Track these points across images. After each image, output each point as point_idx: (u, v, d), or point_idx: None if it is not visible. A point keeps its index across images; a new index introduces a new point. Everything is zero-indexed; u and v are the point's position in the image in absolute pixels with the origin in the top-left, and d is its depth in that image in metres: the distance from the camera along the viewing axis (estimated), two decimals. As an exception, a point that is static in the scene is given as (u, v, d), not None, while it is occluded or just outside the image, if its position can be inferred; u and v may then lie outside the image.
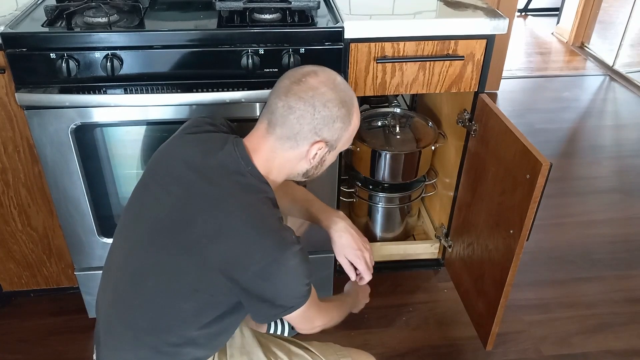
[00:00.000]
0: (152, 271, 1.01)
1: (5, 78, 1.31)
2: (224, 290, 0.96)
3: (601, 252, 2.11)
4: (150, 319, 1.02)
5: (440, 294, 1.89)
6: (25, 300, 1.80)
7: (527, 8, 4.67)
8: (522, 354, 1.69)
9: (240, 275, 0.94)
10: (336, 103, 0.98)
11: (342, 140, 1.03)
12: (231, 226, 0.94)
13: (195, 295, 0.98)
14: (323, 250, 1.68)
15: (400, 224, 1.95)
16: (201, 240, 0.95)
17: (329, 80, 0.99)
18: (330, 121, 0.98)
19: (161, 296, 1.00)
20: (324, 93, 0.97)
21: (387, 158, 1.75)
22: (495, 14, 1.43)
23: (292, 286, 0.99)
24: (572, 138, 2.94)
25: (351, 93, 1.03)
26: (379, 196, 1.86)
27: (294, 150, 1.00)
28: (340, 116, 0.99)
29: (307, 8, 1.39)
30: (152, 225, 1.02)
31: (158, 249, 1.00)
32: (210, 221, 0.95)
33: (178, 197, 0.99)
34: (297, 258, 0.96)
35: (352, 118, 1.02)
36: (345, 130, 1.02)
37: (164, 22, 1.41)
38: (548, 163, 1.21)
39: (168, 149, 1.08)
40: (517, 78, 3.56)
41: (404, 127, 1.83)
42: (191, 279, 0.97)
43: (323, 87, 0.98)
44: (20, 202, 1.53)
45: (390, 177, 1.80)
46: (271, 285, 0.96)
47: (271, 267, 0.94)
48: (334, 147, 1.03)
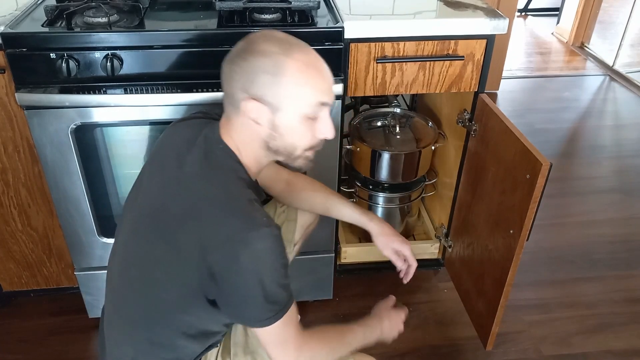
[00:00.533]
0: (135, 261, 1.01)
1: (5, 78, 1.31)
2: (199, 279, 0.92)
3: (601, 252, 2.11)
4: (139, 310, 1.01)
5: (440, 294, 1.89)
6: (25, 300, 1.80)
7: (527, 8, 4.67)
8: (522, 354, 1.69)
9: (209, 258, 0.89)
10: (259, 55, 0.90)
11: (285, 98, 0.92)
12: (197, 207, 0.91)
13: (174, 285, 0.95)
14: (323, 250, 1.69)
15: (400, 224, 1.95)
16: (172, 224, 0.94)
17: (263, 36, 0.94)
18: (252, 74, 0.90)
19: (145, 286, 0.99)
20: (250, 49, 0.92)
21: (387, 158, 1.75)
22: (495, 14, 1.43)
23: (261, 277, 0.89)
24: (572, 138, 2.94)
25: (290, 45, 0.92)
26: (379, 196, 1.86)
27: (237, 114, 0.95)
28: (263, 67, 0.90)
29: (307, 8, 1.39)
30: (137, 214, 1.02)
31: (140, 238, 1.00)
32: (180, 204, 0.94)
33: (158, 185, 1.00)
34: (266, 242, 0.89)
35: (283, 68, 0.90)
36: (276, 83, 0.90)
37: (164, 22, 1.41)
38: (548, 163, 1.21)
39: (160, 139, 1.10)
40: (517, 78, 3.56)
41: (404, 127, 1.83)
42: (167, 267, 0.95)
43: (251, 44, 0.93)
44: (20, 202, 1.53)
45: (390, 177, 1.80)
46: (237, 272, 0.88)
47: (237, 248, 0.87)
48: (276, 108, 0.92)
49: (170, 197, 0.96)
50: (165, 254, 0.95)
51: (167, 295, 0.97)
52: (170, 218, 0.94)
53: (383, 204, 1.89)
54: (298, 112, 0.94)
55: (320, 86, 0.94)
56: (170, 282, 0.96)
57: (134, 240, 1.02)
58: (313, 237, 1.47)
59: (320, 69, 0.95)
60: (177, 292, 0.96)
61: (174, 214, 0.94)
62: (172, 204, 0.95)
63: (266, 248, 0.89)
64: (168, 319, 1.00)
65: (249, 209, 0.91)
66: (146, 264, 0.99)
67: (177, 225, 0.93)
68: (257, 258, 0.89)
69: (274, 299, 0.92)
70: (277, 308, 0.93)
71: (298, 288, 1.74)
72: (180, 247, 0.92)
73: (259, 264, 0.89)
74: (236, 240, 0.87)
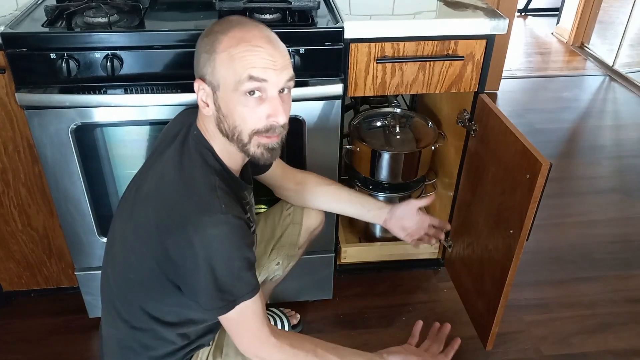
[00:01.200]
0: (114, 239, 1.03)
1: (5, 78, 1.31)
2: (158, 260, 0.92)
3: (601, 252, 2.11)
4: (117, 292, 1.03)
5: (440, 294, 1.89)
6: (26, 300, 1.80)
7: (527, 8, 4.67)
8: (522, 353, 1.69)
9: (165, 240, 0.89)
10: (202, 37, 0.94)
11: (217, 75, 0.91)
12: (159, 189, 0.93)
13: (138, 266, 0.96)
14: (323, 250, 1.69)
15: None
16: (137, 204, 0.95)
17: (221, 20, 0.95)
18: (197, 55, 0.94)
19: (117, 265, 1.01)
20: (204, 32, 0.95)
21: (387, 158, 1.75)
22: (495, 14, 1.43)
23: (212, 264, 0.88)
24: (572, 138, 2.94)
25: (231, 24, 0.92)
26: (379, 196, 1.86)
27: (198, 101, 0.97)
28: (203, 47, 0.92)
29: (307, 8, 1.39)
30: (123, 198, 1.06)
31: (118, 218, 1.04)
32: (146, 186, 0.96)
33: (141, 170, 1.04)
34: (220, 229, 0.87)
35: (216, 45, 0.90)
36: (211, 60, 0.91)
37: (164, 22, 1.41)
38: (548, 163, 1.21)
39: (164, 127, 1.14)
40: (517, 78, 3.56)
41: (404, 127, 1.83)
42: (130, 246, 0.96)
43: (208, 28, 0.95)
44: (21, 202, 1.53)
45: (390, 177, 1.80)
46: (190, 256, 0.87)
47: (190, 232, 0.86)
48: (216, 85, 0.92)
49: (143, 180, 0.98)
50: (132, 233, 0.96)
51: (136, 277, 0.98)
52: (139, 199, 0.96)
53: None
54: (232, 89, 0.91)
55: (251, 60, 0.89)
56: (137, 262, 0.96)
57: (117, 220, 1.05)
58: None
59: (256, 44, 0.90)
60: (144, 274, 0.96)
61: (141, 195, 0.96)
62: (144, 186, 0.97)
63: (219, 234, 0.88)
64: (140, 302, 1.00)
65: (207, 194, 0.90)
66: (120, 243, 1.01)
67: (141, 205, 0.94)
68: (209, 244, 0.87)
69: (226, 288, 0.91)
70: (229, 298, 0.92)
71: (298, 288, 1.76)
72: (142, 229, 0.93)
73: (210, 250, 0.88)
74: (189, 224, 0.87)
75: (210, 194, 0.90)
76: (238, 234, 0.90)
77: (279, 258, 1.40)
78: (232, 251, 0.90)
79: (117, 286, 1.03)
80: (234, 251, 0.90)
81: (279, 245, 1.40)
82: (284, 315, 1.70)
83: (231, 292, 0.92)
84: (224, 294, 0.91)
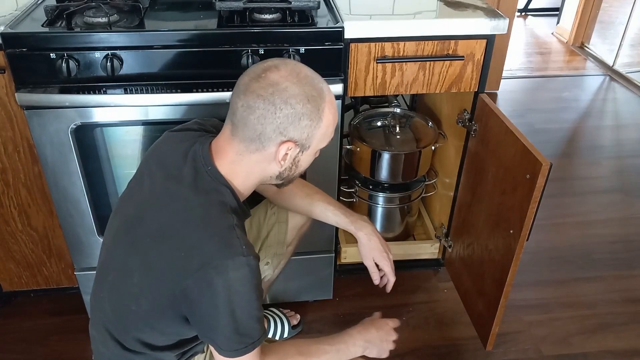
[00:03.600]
0: (111, 266, 1.00)
1: (5, 78, 1.31)
2: (171, 299, 0.91)
3: (601, 252, 2.11)
4: (112, 316, 1.01)
5: (440, 294, 1.89)
6: (26, 300, 1.80)
7: (527, 8, 4.67)
8: (522, 354, 1.69)
9: (183, 282, 0.87)
10: (301, 99, 0.89)
11: (315, 138, 0.94)
12: (174, 227, 0.90)
13: (144, 300, 0.94)
14: (323, 250, 1.69)
15: (400, 224, 1.95)
16: (145, 239, 0.93)
17: (292, 73, 0.91)
18: (295, 119, 0.90)
19: (115, 293, 0.99)
20: (286, 88, 0.89)
21: (387, 158, 1.75)
22: (495, 14, 1.43)
23: (234, 307, 0.88)
24: (572, 138, 2.94)
25: (320, 86, 0.94)
26: (379, 196, 1.86)
27: (260, 152, 0.93)
28: (307, 113, 0.90)
29: (307, 8, 1.39)
30: (120, 220, 1.02)
31: (118, 246, 1.00)
32: (156, 220, 0.93)
33: (142, 194, 0.99)
34: (241, 272, 0.87)
35: (322, 114, 0.93)
36: (315, 127, 0.93)
37: (164, 22, 1.41)
38: (548, 163, 1.21)
39: (154, 147, 1.07)
40: (517, 78, 3.56)
41: (404, 127, 1.83)
42: (139, 281, 0.94)
43: (285, 81, 0.89)
44: (20, 202, 1.53)
45: (390, 177, 1.79)
46: (210, 299, 0.87)
47: (212, 275, 0.86)
48: (306, 147, 0.95)
49: (149, 212, 0.95)
50: (139, 267, 0.94)
51: (137, 308, 0.96)
52: (145, 234, 0.93)
53: (383, 204, 1.88)
54: (320, 146, 0.99)
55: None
56: (142, 296, 0.95)
57: (113, 246, 1.01)
58: (313, 237, 1.47)
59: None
60: (147, 306, 0.95)
61: (150, 230, 0.92)
62: (150, 219, 0.94)
63: (241, 277, 0.88)
64: (137, 332, 0.99)
65: (228, 236, 0.90)
66: (120, 274, 0.98)
67: (152, 242, 0.91)
68: (230, 286, 0.88)
69: (245, 331, 0.91)
70: (247, 341, 0.92)
71: (298, 288, 1.76)
72: (153, 266, 0.91)
73: (232, 293, 0.88)
74: (211, 267, 0.86)
75: (230, 234, 0.90)
76: (256, 275, 0.90)
77: (267, 257, 1.39)
78: (252, 293, 0.90)
79: (113, 313, 1.01)
80: (253, 292, 0.90)
81: (266, 245, 1.38)
82: (283, 316, 1.70)
83: (250, 335, 0.92)
84: (242, 337, 0.92)
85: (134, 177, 1.07)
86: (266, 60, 0.94)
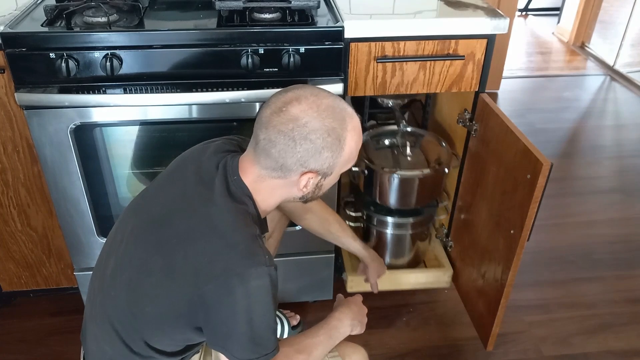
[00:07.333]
0: (129, 265, 0.99)
1: (5, 78, 1.31)
2: (188, 303, 0.91)
3: (601, 252, 2.10)
4: (122, 317, 1.00)
5: (440, 294, 1.89)
6: (25, 300, 1.80)
7: (528, 8, 4.67)
8: (522, 354, 1.69)
9: (203, 286, 0.88)
10: (321, 133, 0.89)
11: (337, 166, 0.95)
12: (201, 231, 0.91)
13: (160, 302, 0.94)
14: (323, 250, 1.68)
15: (410, 250, 1.82)
16: (171, 240, 0.93)
17: (313, 107, 0.90)
18: (316, 153, 0.90)
19: (130, 293, 0.98)
20: (306, 124, 0.89)
21: (398, 182, 1.61)
22: (495, 14, 1.43)
23: (252, 316, 0.90)
24: (573, 138, 2.94)
25: (342, 115, 0.93)
26: (387, 222, 1.73)
27: (282, 179, 0.94)
28: (327, 146, 0.91)
29: (307, 7, 1.39)
30: (142, 218, 1.01)
31: (138, 243, 0.99)
32: (184, 222, 0.93)
33: (172, 196, 0.99)
34: (263, 281, 0.88)
35: (343, 144, 0.93)
36: (336, 157, 0.93)
37: (164, 22, 1.41)
38: (549, 163, 1.20)
39: (189, 152, 1.08)
40: (517, 78, 3.56)
41: (414, 147, 1.70)
42: (158, 282, 0.94)
43: (305, 116, 0.89)
44: (20, 202, 1.53)
45: (401, 202, 1.67)
46: (229, 306, 0.88)
47: (233, 282, 0.87)
48: (328, 174, 0.96)
49: (177, 213, 0.96)
50: (160, 269, 0.94)
51: (152, 310, 0.96)
52: (172, 233, 0.94)
53: (392, 230, 1.76)
54: (343, 170, 0.99)
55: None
56: (158, 298, 0.95)
57: (133, 245, 1.01)
58: (313, 238, 1.47)
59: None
60: (163, 309, 0.95)
61: (177, 231, 0.93)
62: (177, 220, 0.94)
63: (261, 287, 0.89)
64: (145, 334, 0.99)
65: (252, 244, 0.91)
66: (139, 273, 0.98)
67: (177, 243, 0.92)
68: (251, 295, 0.89)
69: (260, 341, 0.92)
70: (261, 351, 0.93)
71: (298, 288, 1.76)
72: (175, 268, 0.92)
73: (251, 302, 0.89)
74: (233, 274, 0.87)
75: (254, 243, 0.91)
76: (275, 286, 0.92)
77: None
78: (270, 303, 0.91)
79: (123, 312, 1.00)
80: (271, 303, 0.92)
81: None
82: (283, 317, 1.69)
83: (265, 346, 0.93)
84: (257, 347, 0.92)
85: (162, 180, 1.06)
86: (288, 90, 0.94)
